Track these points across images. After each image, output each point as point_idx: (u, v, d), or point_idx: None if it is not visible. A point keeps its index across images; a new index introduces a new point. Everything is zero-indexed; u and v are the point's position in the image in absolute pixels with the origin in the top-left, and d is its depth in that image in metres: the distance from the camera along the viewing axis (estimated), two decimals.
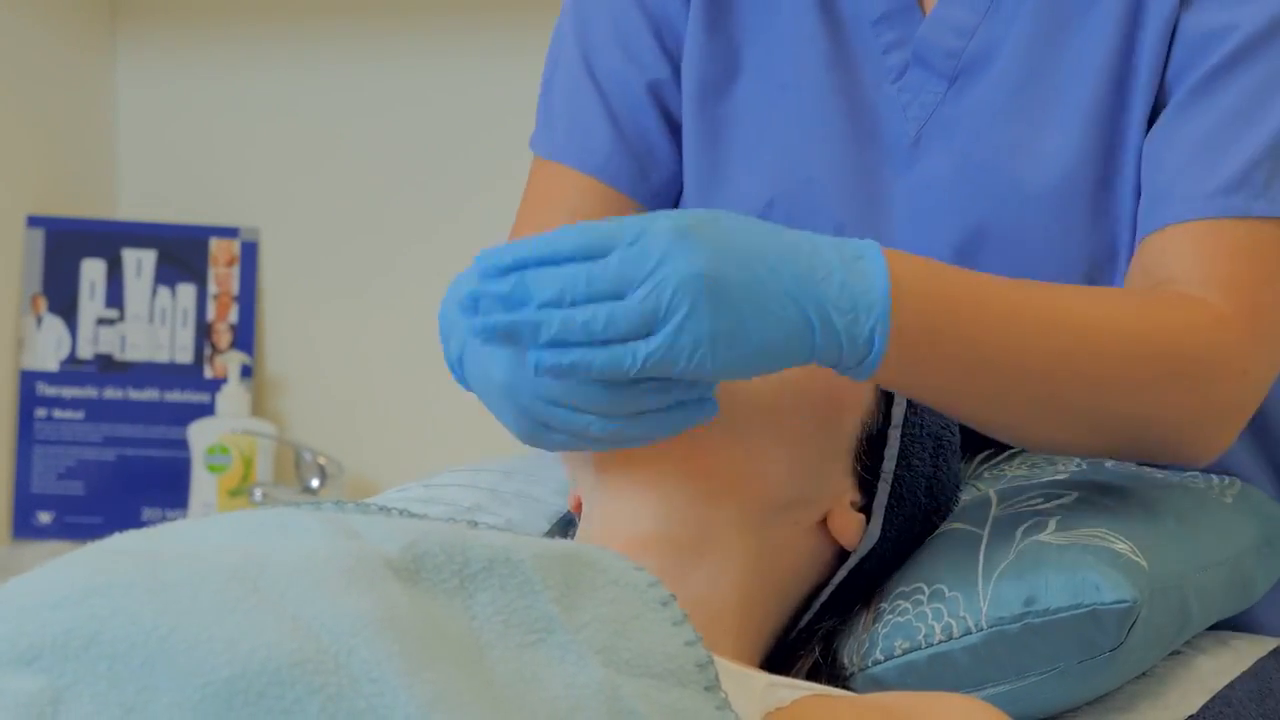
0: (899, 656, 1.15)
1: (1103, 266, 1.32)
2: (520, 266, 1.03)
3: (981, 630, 1.13)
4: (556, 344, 1.02)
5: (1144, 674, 1.23)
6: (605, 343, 1.02)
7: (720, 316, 1.02)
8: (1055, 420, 1.16)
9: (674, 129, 1.41)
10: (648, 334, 1.02)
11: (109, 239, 2.51)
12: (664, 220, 1.03)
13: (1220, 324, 1.20)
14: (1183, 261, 1.24)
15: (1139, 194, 1.30)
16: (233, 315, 2.51)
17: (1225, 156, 1.25)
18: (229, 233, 2.52)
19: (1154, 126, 1.30)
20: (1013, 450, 1.35)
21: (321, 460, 2.39)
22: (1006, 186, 1.32)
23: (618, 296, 1.02)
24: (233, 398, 2.46)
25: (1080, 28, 1.32)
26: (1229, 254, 1.23)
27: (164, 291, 2.51)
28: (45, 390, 2.49)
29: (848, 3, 1.38)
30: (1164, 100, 1.30)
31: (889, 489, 1.19)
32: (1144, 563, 1.15)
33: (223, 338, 2.51)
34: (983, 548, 1.17)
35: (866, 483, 1.18)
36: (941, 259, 1.29)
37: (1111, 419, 1.17)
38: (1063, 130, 1.32)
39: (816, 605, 1.18)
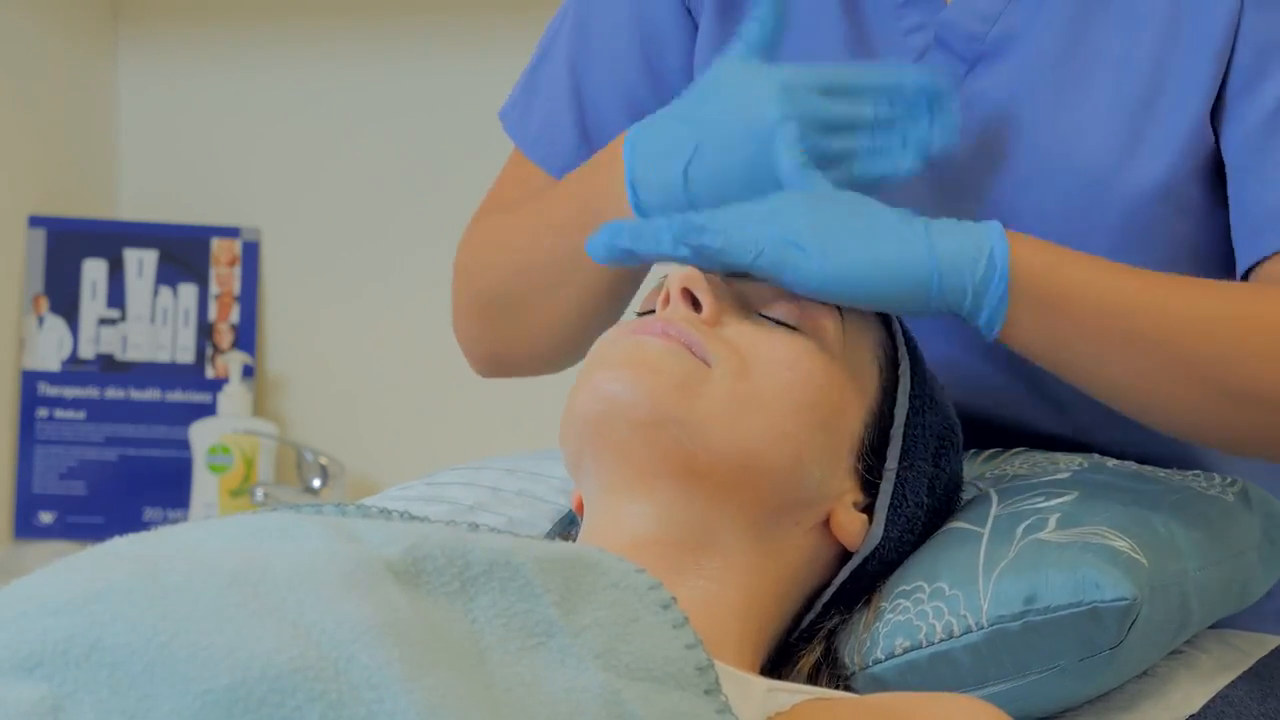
0: (900, 655, 1.15)
1: (1123, 247, 1.31)
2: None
3: (982, 628, 1.13)
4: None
5: (1146, 673, 1.23)
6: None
7: None
8: (1169, 378, 1.19)
9: None
10: None
11: (110, 239, 2.51)
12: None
13: None
14: None
15: (1169, 179, 1.30)
16: (234, 315, 2.51)
17: None
18: (230, 233, 2.52)
19: (1232, 137, 1.29)
20: (1014, 449, 1.35)
21: (323, 460, 2.39)
22: (1027, 166, 1.31)
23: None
24: (234, 398, 2.46)
25: (1110, 13, 1.32)
26: None
27: (165, 291, 2.52)
28: (47, 390, 2.49)
29: None
30: (1225, 101, 1.29)
31: (892, 489, 1.19)
32: (1144, 560, 1.15)
33: (224, 338, 2.51)
34: (983, 546, 1.17)
35: (869, 483, 1.18)
36: None
37: (1228, 382, 1.18)
38: (1087, 114, 1.30)
39: (818, 606, 1.18)
